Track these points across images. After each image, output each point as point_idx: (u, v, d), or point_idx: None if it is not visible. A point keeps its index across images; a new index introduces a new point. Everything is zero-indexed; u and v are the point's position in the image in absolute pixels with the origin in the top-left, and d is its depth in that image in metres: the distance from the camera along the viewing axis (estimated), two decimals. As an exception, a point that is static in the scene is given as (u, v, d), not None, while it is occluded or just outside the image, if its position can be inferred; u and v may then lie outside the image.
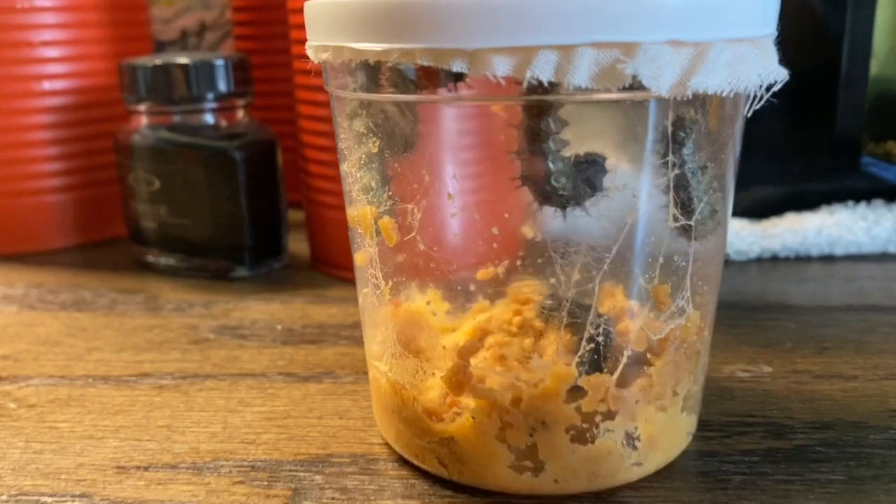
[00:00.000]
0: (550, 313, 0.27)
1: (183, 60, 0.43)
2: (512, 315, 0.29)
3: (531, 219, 0.28)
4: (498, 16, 0.19)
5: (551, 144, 0.22)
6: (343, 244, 0.35)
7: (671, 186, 0.22)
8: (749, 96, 0.22)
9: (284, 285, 0.44)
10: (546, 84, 0.20)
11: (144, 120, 0.45)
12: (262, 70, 0.55)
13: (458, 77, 0.21)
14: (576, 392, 0.23)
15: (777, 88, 0.22)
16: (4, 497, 0.25)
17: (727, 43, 0.21)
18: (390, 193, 0.23)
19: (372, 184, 0.24)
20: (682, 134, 0.22)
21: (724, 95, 0.21)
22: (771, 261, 0.45)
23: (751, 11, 0.21)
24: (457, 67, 0.20)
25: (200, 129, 0.45)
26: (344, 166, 0.25)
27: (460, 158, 0.24)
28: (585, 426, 0.23)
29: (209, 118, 0.45)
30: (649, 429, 0.24)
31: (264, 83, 0.55)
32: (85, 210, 0.52)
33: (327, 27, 0.22)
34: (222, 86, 0.44)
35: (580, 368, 0.24)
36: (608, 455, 0.24)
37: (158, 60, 0.43)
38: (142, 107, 0.45)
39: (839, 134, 0.47)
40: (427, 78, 0.22)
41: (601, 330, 0.23)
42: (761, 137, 0.46)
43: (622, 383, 0.23)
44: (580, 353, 0.24)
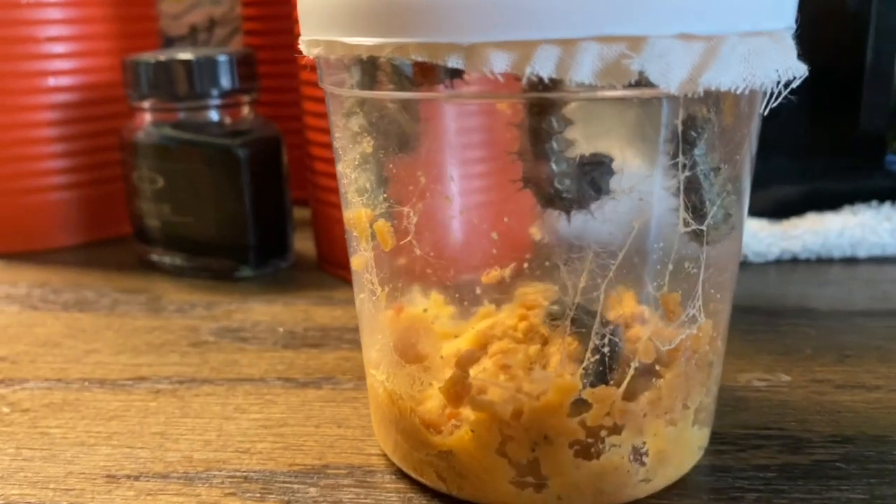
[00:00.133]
0: (553, 321, 0.26)
1: (186, 56, 0.42)
2: (518, 320, 0.28)
3: (539, 220, 0.26)
4: (495, 8, 0.18)
5: (554, 144, 0.21)
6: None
7: (681, 189, 0.21)
8: (766, 93, 0.21)
9: (289, 286, 0.43)
10: (547, 81, 0.18)
11: (148, 117, 0.44)
12: (270, 65, 0.54)
13: (456, 73, 0.20)
14: (580, 405, 0.22)
15: (796, 84, 0.21)
16: (-10, 507, 0.25)
17: (742, 36, 0.19)
18: (385, 195, 0.22)
19: (367, 185, 0.23)
20: (694, 133, 0.21)
21: (739, 92, 0.19)
22: (791, 263, 0.44)
23: (767, 3, 0.20)
24: (452, 63, 0.19)
25: (204, 127, 0.44)
26: (339, 166, 0.24)
27: (459, 159, 0.23)
28: (590, 441, 0.22)
29: (213, 115, 0.44)
30: (658, 443, 0.23)
31: (272, 78, 0.54)
32: (90, 208, 0.51)
33: (319, 21, 0.21)
34: (226, 82, 0.43)
35: (585, 380, 0.23)
36: (614, 471, 0.22)
37: (161, 56, 0.43)
38: (145, 104, 0.44)
39: (863, 131, 0.46)
40: (423, 74, 0.21)
41: (607, 340, 0.22)
42: (781, 134, 0.44)
43: (629, 396, 0.22)
44: (585, 364, 0.23)
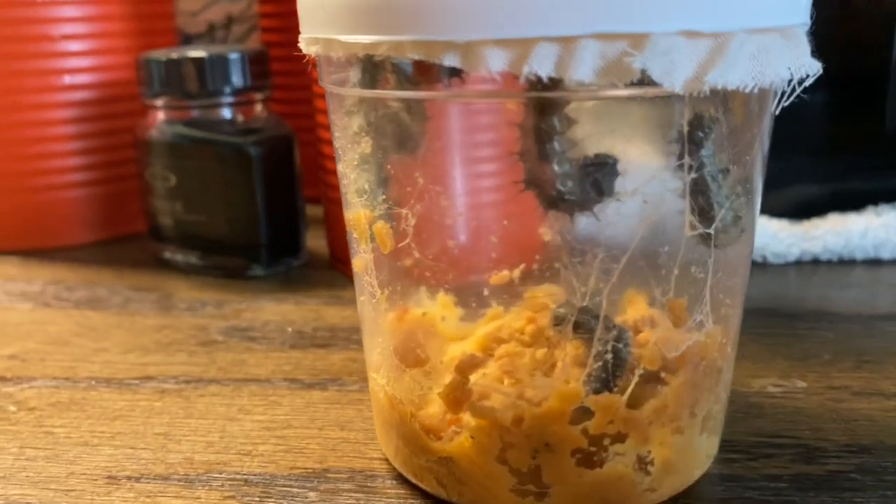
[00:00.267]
0: (559, 325, 0.25)
1: (197, 54, 0.42)
2: (525, 323, 0.28)
3: (548, 220, 0.26)
4: (492, 5, 0.18)
5: (557, 145, 0.20)
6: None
7: (688, 191, 0.20)
8: (777, 91, 0.20)
9: (300, 285, 0.42)
10: (546, 80, 0.18)
11: (161, 115, 0.44)
12: (286, 63, 0.53)
13: (455, 72, 0.20)
14: (582, 412, 0.21)
15: (809, 83, 0.20)
16: (-9, 507, 0.24)
17: (751, 33, 0.19)
18: (385, 196, 0.22)
19: (366, 186, 0.22)
20: (701, 134, 0.20)
21: (748, 91, 0.19)
22: (812, 264, 0.43)
23: (778, -1, 0.19)
24: (448, 61, 0.18)
25: (217, 125, 0.44)
26: (339, 166, 0.24)
27: (460, 160, 0.22)
28: (593, 449, 0.22)
29: (226, 113, 0.44)
30: (664, 452, 0.22)
31: (288, 76, 0.53)
32: (106, 205, 0.51)
33: (317, 18, 0.21)
34: (238, 80, 0.43)
35: (588, 387, 0.22)
36: (618, 480, 0.22)
37: (174, 54, 0.42)
38: (158, 102, 0.44)
39: (888, 130, 0.44)
40: (422, 73, 0.20)
41: (610, 346, 0.22)
42: (804, 133, 0.43)
43: (633, 404, 0.22)
44: (588, 371, 0.22)
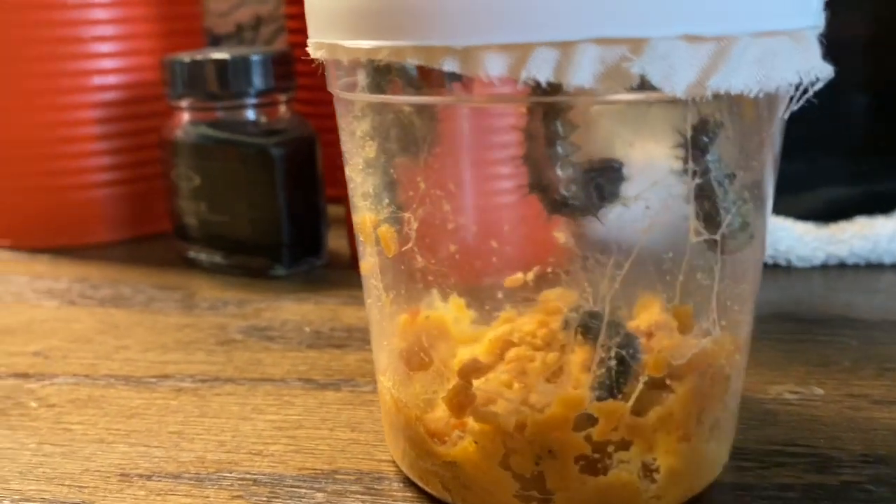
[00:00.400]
0: (569, 329, 0.25)
1: (220, 56, 0.42)
2: (537, 327, 0.28)
3: (563, 223, 0.26)
4: (490, 10, 0.18)
5: (559, 149, 0.20)
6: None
7: (692, 197, 0.20)
8: (786, 95, 0.20)
9: (321, 285, 0.43)
10: (545, 84, 0.18)
11: (186, 116, 0.45)
12: (311, 63, 0.54)
13: (459, 76, 0.20)
14: (586, 419, 0.21)
15: (819, 87, 0.20)
16: (7, 502, 0.25)
17: (756, 37, 0.18)
18: (389, 200, 0.22)
19: (371, 190, 0.22)
20: (705, 139, 0.20)
21: (753, 96, 0.18)
22: (838, 268, 0.42)
23: (786, 2, 0.19)
24: (448, 66, 0.18)
25: (241, 126, 0.44)
26: (347, 170, 0.24)
27: (465, 163, 0.22)
28: (597, 456, 0.21)
29: (250, 114, 0.44)
30: (669, 460, 0.22)
31: (313, 77, 0.53)
32: (133, 204, 0.52)
33: (321, 23, 0.21)
34: (262, 81, 0.43)
35: (593, 393, 0.22)
36: (622, 488, 0.22)
37: (198, 56, 0.43)
38: (183, 103, 0.44)
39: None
40: (425, 77, 0.20)
41: (613, 353, 0.21)
42: (831, 134, 0.42)
43: (638, 411, 0.21)
44: (592, 377, 0.22)
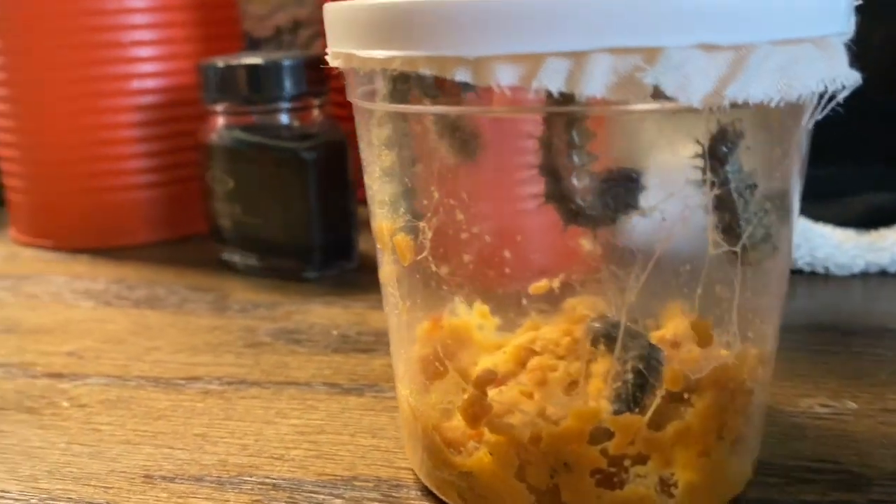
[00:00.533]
0: (590, 339, 0.25)
1: (252, 61, 0.43)
2: (561, 335, 0.27)
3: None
4: (502, 20, 0.17)
5: (575, 159, 0.20)
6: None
7: (711, 208, 0.20)
8: (810, 103, 0.19)
9: (351, 288, 0.43)
10: (557, 95, 0.18)
11: (221, 120, 0.45)
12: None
13: (469, 86, 0.20)
14: (601, 432, 0.21)
15: (846, 94, 0.19)
16: (35, 500, 0.26)
17: (777, 45, 0.18)
18: (404, 209, 0.22)
19: (387, 198, 0.22)
20: (724, 149, 0.19)
21: (774, 105, 0.18)
22: (878, 277, 0.41)
23: (810, 8, 0.18)
24: (460, 77, 0.18)
25: (274, 130, 0.44)
26: (365, 178, 0.24)
27: (476, 173, 0.22)
28: (613, 470, 0.21)
29: (284, 118, 0.45)
30: (688, 475, 0.22)
31: (348, 80, 0.54)
32: (172, 206, 0.53)
33: (337, 33, 0.21)
34: (294, 86, 0.44)
35: (612, 405, 0.22)
36: (639, 502, 0.21)
37: (232, 61, 0.43)
38: (218, 107, 0.45)
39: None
40: (440, 87, 0.20)
41: (630, 366, 0.21)
42: (870, 137, 0.41)
43: (655, 425, 0.21)
44: (611, 389, 0.22)
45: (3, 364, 0.36)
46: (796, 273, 0.41)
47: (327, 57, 0.23)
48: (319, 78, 0.45)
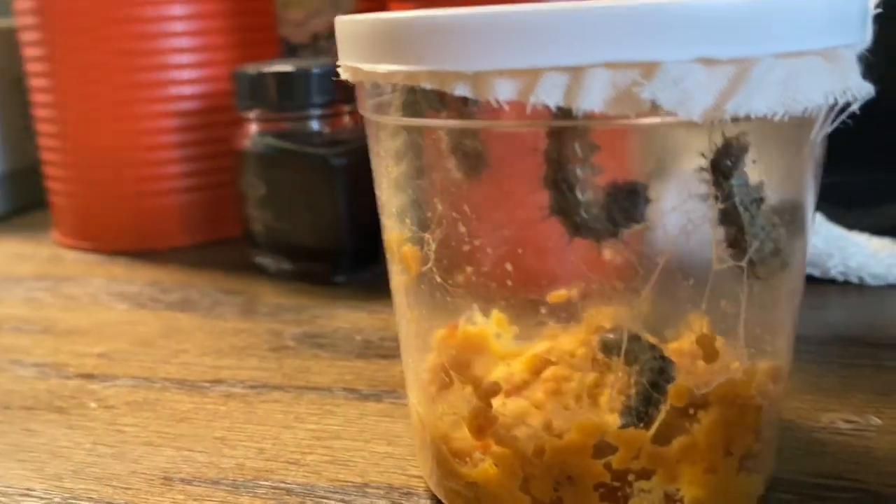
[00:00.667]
0: (603, 350, 0.25)
1: (283, 69, 0.43)
2: (578, 345, 0.27)
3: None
4: (500, 35, 0.17)
5: (579, 171, 0.20)
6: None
7: (715, 222, 0.19)
8: (818, 116, 0.19)
9: (377, 293, 0.43)
10: (554, 109, 0.18)
11: (254, 127, 0.46)
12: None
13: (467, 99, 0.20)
14: (605, 446, 0.21)
15: (857, 107, 0.19)
16: (58, 499, 0.26)
17: (781, 58, 0.18)
18: (411, 220, 0.22)
19: (395, 209, 0.22)
20: (729, 162, 0.19)
21: (778, 119, 0.18)
22: (915, 288, 0.40)
23: (816, 20, 0.18)
24: (460, 91, 0.18)
25: (304, 136, 0.45)
26: (376, 188, 0.24)
27: (477, 185, 0.22)
28: (616, 484, 0.21)
29: (314, 125, 0.45)
30: (695, 491, 0.21)
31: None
32: (209, 210, 0.54)
33: (344, 46, 0.21)
34: (325, 93, 0.44)
35: (621, 419, 0.21)
36: (644, 517, 0.21)
37: (264, 69, 0.44)
38: (250, 114, 0.46)
39: None
40: (442, 101, 0.20)
41: (633, 380, 0.21)
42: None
43: (660, 440, 0.21)
44: (625, 403, 0.22)
45: (39, 364, 0.37)
46: (829, 283, 0.40)
47: (339, 69, 0.23)
48: (349, 85, 0.45)
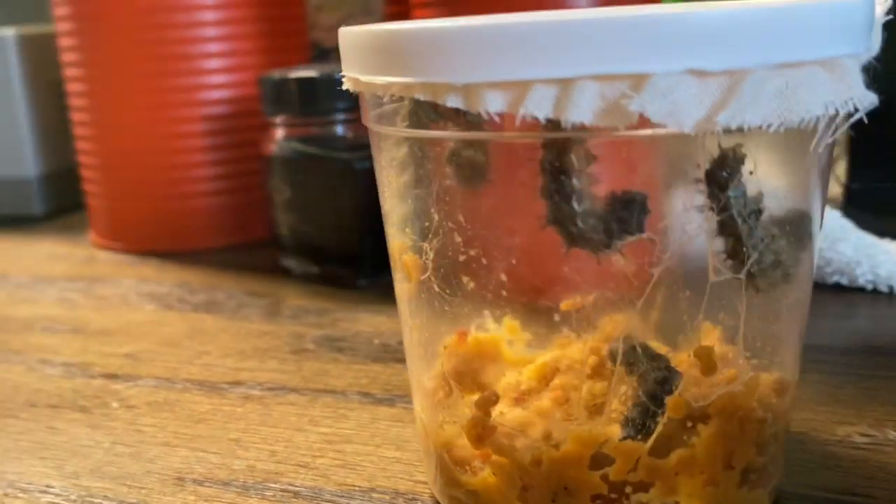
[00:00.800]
0: (612, 360, 0.24)
1: (306, 75, 0.44)
2: (588, 354, 0.27)
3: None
4: (489, 48, 0.17)
5: (575, 182, 0.20)
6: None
7: (711, 234, 0.19)
8: (818, 127, 0.19)
9: (399, 297, 0.43)
10: (543, 121, 0.18)
11: (280, 131, 0.47)
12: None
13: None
14: (602, 458, 0.21)
15: (859, 116, 0.19)
16: (74, 496, 0.27)
17: (776, 68, 0.17)
18: (411, 229, 0.22)
19: (396, 218, 0.23)
20: (725, 174, 0.19)
21: (773, 130, 0.18)
22: (947, 296, 0.39)
23: (814, 30, 0.18)
24: (451, 103, 0.18)
25: (329, 141, 0.45)
26: (380, 197, 0.24)
27: (477, 195, 0.22)
28: (614, 496, 0.21)
29: (339, 129, 0.46)
30: (694, 504, 0.21)
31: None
32: (238, 213, 0.55)
33: (345, 57, 0.22)
34: (348, 98, 0.44)
35: (625, 430, 0.21)
36: (642, 530, 0.21)
37: (289, 74, 0.45)
38: (277, 119, 0.46)
39: None
40: (438, 111, 0.20)
41: (631, 391, 0.21)
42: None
43: (658, 452, 0.21)
44: (627, 415, 0.22)
45: (66, 363, 0.38)
46: (857, 291, 0.39)
47: (343, 79, 0.23)
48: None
